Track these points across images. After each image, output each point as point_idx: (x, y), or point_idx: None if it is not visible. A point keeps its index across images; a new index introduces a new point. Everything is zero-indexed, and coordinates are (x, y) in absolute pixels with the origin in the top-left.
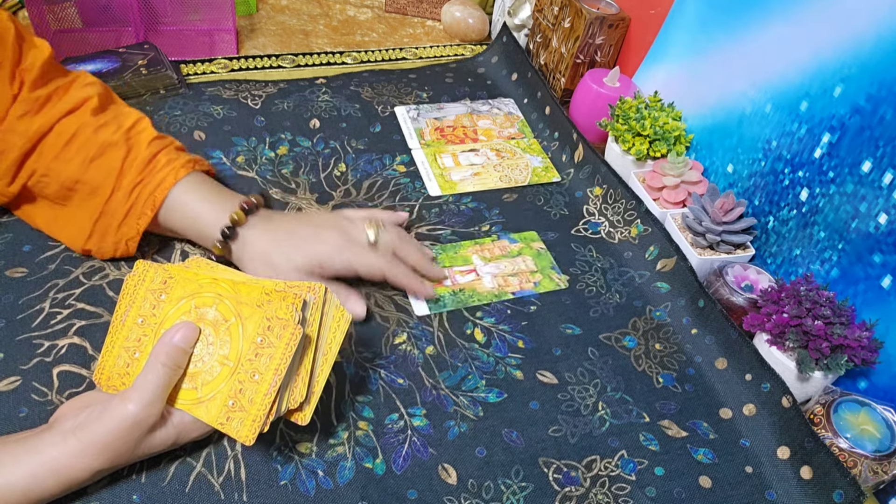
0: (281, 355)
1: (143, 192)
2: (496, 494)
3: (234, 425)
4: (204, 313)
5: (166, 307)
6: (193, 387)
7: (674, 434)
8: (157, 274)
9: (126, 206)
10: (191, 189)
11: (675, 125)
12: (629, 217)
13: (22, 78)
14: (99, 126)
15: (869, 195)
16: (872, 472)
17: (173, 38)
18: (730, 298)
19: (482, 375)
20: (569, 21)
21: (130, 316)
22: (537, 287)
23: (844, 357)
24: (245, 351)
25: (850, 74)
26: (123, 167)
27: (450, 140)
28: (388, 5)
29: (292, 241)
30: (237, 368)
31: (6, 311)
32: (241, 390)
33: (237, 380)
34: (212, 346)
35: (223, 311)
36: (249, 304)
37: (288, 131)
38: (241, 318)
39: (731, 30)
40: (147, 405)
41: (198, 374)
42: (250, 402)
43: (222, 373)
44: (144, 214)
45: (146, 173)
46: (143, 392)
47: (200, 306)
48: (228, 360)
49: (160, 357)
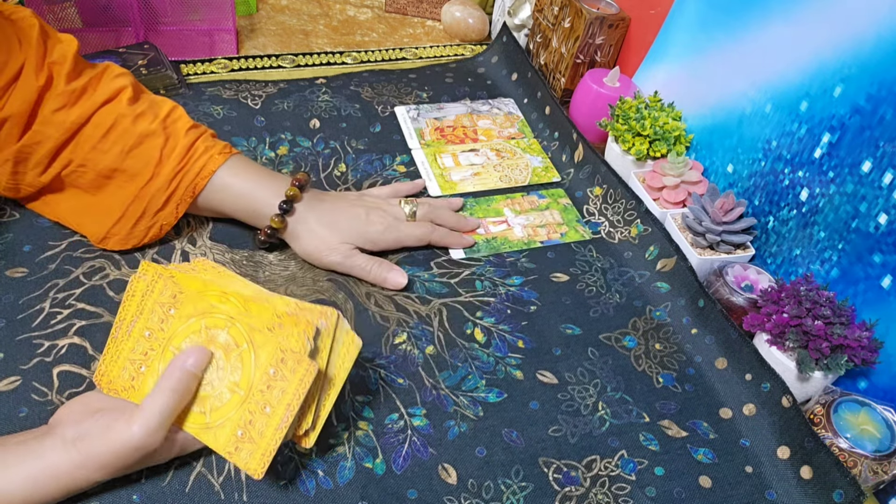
0: (294, 391)
1: (185, 180)
2: (496, 494)
3: (244, 456)
4: (215, 335)
5: (175, 323)
6: (202, 411)
7: (674, 434)
8: (166, 287)
9: (166, 193)
10: (236, 171)
11: (675, 125)
12: (629, 217)
13: (51, 71)
14: (136, 116)
15: (869, 195)
16: (872, 472)
17: (173, 38)
18: (730, 298)
19: (482, 375)
20: (569, 21)
21: (137, 327)
22: (564, 237)
23: (844, 357)
24: (257, 381)
25: (850, 74)
26: (162, 156)
27: (450, 140)
28: (388, 5)
29: (346, 220)
30: (248, 398)
31: (6, 311)
32: (252, 421)
33: (248, 409)
34: (222, 371)
35: (235, 336)
36: (261, 330)
37: (288, 131)
38: (252, 345)
39: (731, 30)
40: (152, 432)
41: (207, 399)
42: (260, 434)
43: (232, 400)
44: (184, 201)
45: (186, 161)
46: (149, 418)
47: (212, 327)
48: (239, 387)
49: (171, 382)
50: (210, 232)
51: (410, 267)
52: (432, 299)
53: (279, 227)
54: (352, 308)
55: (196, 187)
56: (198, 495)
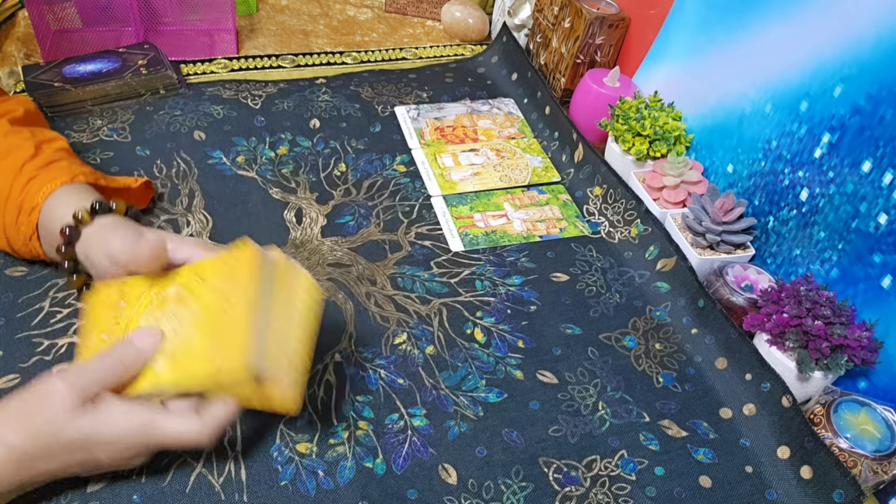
0: (248, 275)
1: (34, 187)
2: (496, 494)
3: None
4: (166, 295)
5: (128, 311)
6: (176, 362)
7: (674, 434)
8: (109, 288)
9: (19, 201)
10: (74, 191)
11: (675, 125)
12: (629, 217)
13: None
14: (10, 132)
15: (869, 195)
16: (872, 471)
17: (173, 38)
18: (730, 298)
19: (482, 375)
20: (569, 21)
21: (94, 337)
22: (563, 233)
23: (844, 357)
24: (209, 294)
25: (850, 74)
26: (24, 168)
27: (450, 140)
28: (388, 5)
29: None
30: (209, 315)
31: (6, 310)
32: (217, 329)
33: (208, 320)
34: (181, 316)
35: (182, 282)
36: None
37: (288, 131)
38: (197, 273)
39: (731, 30)
40: (71, 384)
41: (177, 352)
42: (232, 332)
43: (199, 332)
44: (34, 209)
45: (42, 170)
46: (74, 370)
47: (161, 290)
48: (199, 315)
49: (116, 352)
50: (210, 231)
51: (410, 267)
52: (432, 299)
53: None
54: (352, 308)
55: (45, 194)
56: (198, 495)
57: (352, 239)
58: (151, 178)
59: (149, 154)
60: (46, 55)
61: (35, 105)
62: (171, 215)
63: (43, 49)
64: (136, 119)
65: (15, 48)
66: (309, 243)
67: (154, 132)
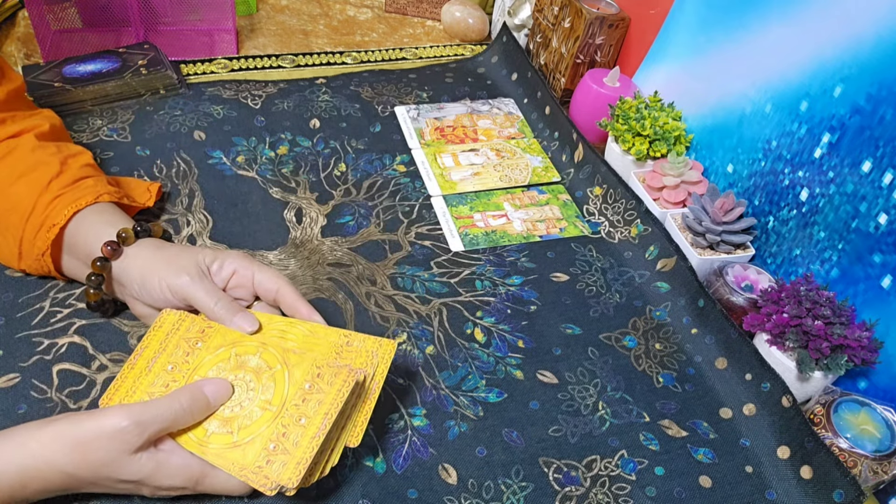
0: (332, 400)
1: (59, 205)
2: (496, 494)
3: (276, 468)
4: (245, 361)
5: (202, 353)
6: (229, 431)
7: (674, 434)
8: (194, 324)
9: (42, 217)
10: (106, 210)
11: (675, 125)
12: (629, 217)
13: None
14: (37, 147)
15: (869, 195)
16: (872, 472)
17: (173, 38)
18: (730, 298)
19: (482, 375)
20: (569, 21)
21: (159, 362)
22: (563, 232)
23: (844, 357)
24: (291, 396)
25: (850, 74)
26: (50, 185)
27: (450, 140)
28: (388, 5)
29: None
30: (281, 413)
31: (6, 309)
32: (285, 434)
33: (281, 423)
34: (252, 392)
35: (267, 359)
36: (295, 351)
37: (288, 131)
38: (287, 364)
39: (731, 30)
40: (138, 424)
41: (234, 419)
42: (295, 445)
43: (263, 417)
44: (55, 225)
45: (69, 189)
46: (143, 411)
47: (242, 354)
48: (271, 404)
49: (182, 396)
50: (210, 231)
51: (411, 267)
52: (432, 299)
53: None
54: (352, 308)
55: (68, 214)
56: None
57: (352, 239)
58: (151, 178)
59: (149, 154)
60: (46, 55)
61: (60, 120)
62: (172, 215)
63: (43, 49)
64: (136, 119)
65: (15, 48)
66: (309, 243)
67: (154, 132)
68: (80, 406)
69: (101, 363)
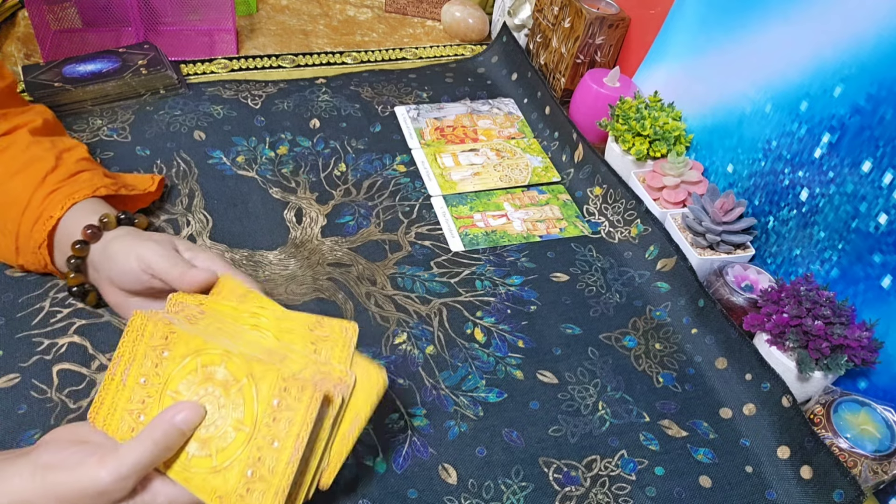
0: (302, 420)
1: (56, 198)
2: (496, 494)
3: (256, 497)
4: (212, 372)
5: (169, 366)
6: (207, 454)
7: (674, 434)
8: (156, 328)
9: (38, 211)
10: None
11: (675, 125)
12: (629, 217)
13: None
14: (32, 142)
15: (869, 195)
16: (872, 471)
17: (173, 38)
18: (730, 298)
19: (482, 375)
20: (569, 21)
21: (131, 375)
22: (563, 232)
23: (844, 357)
24: (261, 415)
25: (850, 74)
26: (46, 179)
27: (450, 140)
28: (388, 5)
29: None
30: (254, 434)
31: (6, 309)
32: (261, 458)
33: (255, 446)
34: (224, 409)
35: (233, 370)
36: (260, 359)
37: (288, 131)
38: (253, 377)
39: (731, 30)
40: (120, 478)
41: (211, 440)
42: (271, 472)
43: (238, 438)
44: (52, 217)
45: (65, 183)
46: (121, 465)
47: (207, 364)
48: (244, 424)
49: (155, 433)
50: (210, 231)
51: (411, 267)
52: (432, 299)
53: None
54: (352, 308)
55: (64, 206)
56: None
57: (352, 239)
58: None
59: (149, 154)
60: (46, 55)
61: (53, 114)
62: (171, 215)
63: (43, 49)
64: (136, 119)
65: (15, 48)
66: (309, 243)
67: (154, 132)
68: (79, 406)
69: (101, 363)
